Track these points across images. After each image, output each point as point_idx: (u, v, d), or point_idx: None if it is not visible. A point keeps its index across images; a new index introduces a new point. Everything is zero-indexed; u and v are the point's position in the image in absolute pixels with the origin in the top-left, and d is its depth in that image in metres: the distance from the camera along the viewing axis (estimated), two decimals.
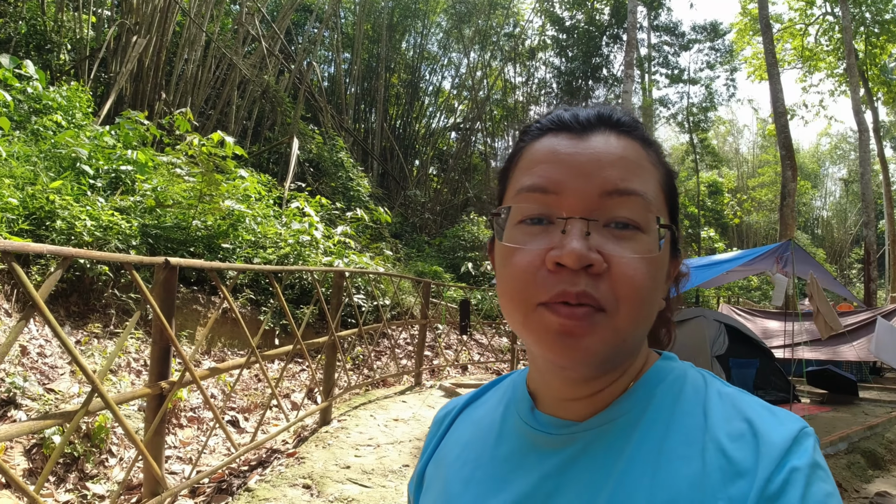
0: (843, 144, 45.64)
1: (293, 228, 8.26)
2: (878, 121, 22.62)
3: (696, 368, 0.64)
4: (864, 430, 6.05)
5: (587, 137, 0.58)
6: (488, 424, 0.69)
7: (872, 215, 15.88)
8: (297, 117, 13.21)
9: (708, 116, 27.27)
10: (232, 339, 6.28)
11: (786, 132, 13.03)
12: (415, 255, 15.16)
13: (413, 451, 4.66)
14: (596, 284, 0.52)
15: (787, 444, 0.50)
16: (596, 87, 23.08)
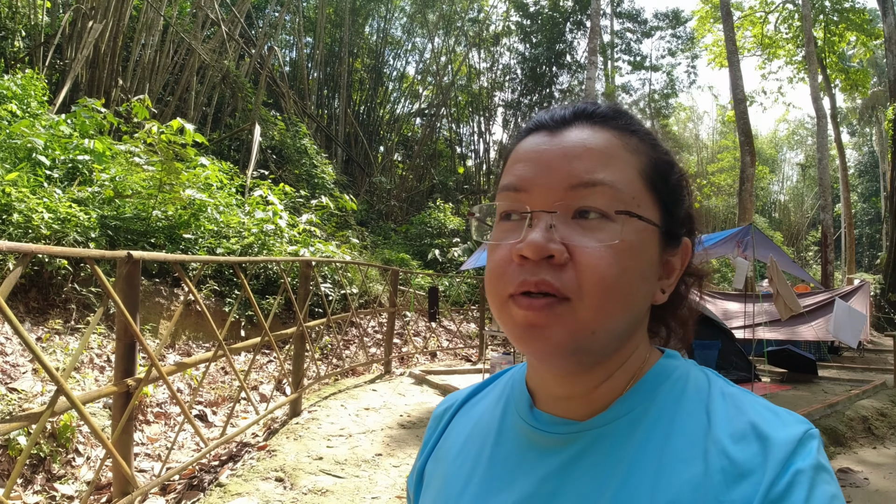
0: (801, 130, 46.93)
1: (257, 217, 8.11)
2: (836, 107, 23.33)
3: (700, 367, 0.63)
4: (824, 408, 6.26)
5: (561, 133, 0.59)
6: (487, 421, 0.69)
7: (829, 199, 16.42)
8: (258, 103, 12.93)
9: (669, 103, 27.79)
10: (197, 331, 6.16)
11: (745, 118, 13.33)
12: (381, 243, 15.08)
13: (385, 439, 4.66)
14: (558, 275, 0.52)
15: (791, 446, 0.50)
16: (560, 74, 23.21)
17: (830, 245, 15.91)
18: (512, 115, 23.96)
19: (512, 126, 23.98)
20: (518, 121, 23.80)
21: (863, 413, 6.35)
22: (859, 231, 40.85)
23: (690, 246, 0.63)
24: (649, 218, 0.57)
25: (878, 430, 6.09)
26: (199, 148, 8.63)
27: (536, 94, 23.29)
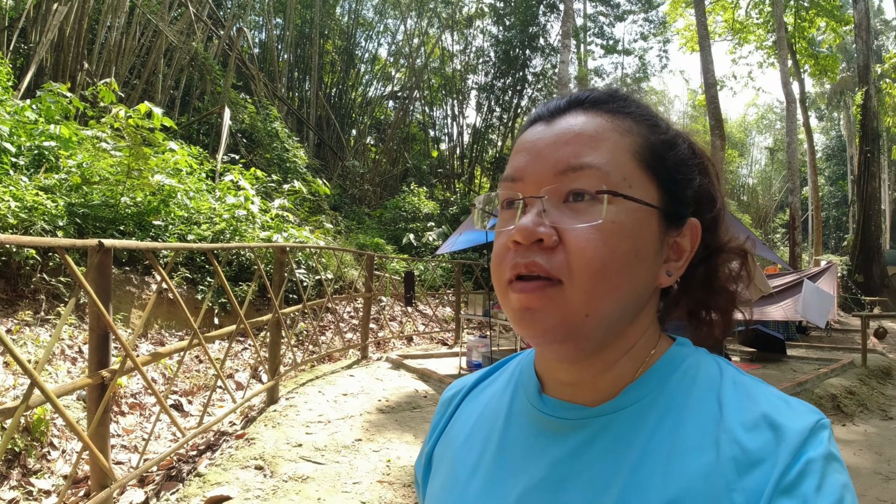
0: (770, 114, 47.72)
1: (228, 203, 7.98)
2: (804, 92, 23.71)
3: (711, 355, 0.62)
4: (793, 387, 6.43)
5: (554, 123, 0.59)
6: (496, 406, 0.69)
7: (797, 183, 16.76)
8: (227, 86, 12.65)
9: (641, 87, 27.96)
10: (169, 319, 6.06)
11: (715, 103, 13.49)
12: (355, 228, 14.97)
13: (365, 424, 4.67)
14: (548, 257, 0.53)
15: (803, 435, 0.50)
16: (533, 57, 23.14)
17: (798, 227, 16.28)
18: (485, 99, 23.88)
19: (485, 109, 23.92)
20: (491, 104, 23.74)
21: (832, 391, 6.54)
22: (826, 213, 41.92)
23: (699, 226, 0.61)
24: (641, 198, 0.56)
25: (847, 408, 6.28)
26: (168, 132, 8.43)
27: (510, 77, 23.22)
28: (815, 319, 7.96)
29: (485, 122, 24.24)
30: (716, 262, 0.65)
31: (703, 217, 0.62)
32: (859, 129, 18.94)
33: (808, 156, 23.39)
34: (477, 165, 24.51)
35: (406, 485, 3.47)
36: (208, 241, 6.99)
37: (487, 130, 24.49)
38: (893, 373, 8.22)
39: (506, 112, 24.06)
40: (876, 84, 20.47)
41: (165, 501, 3.00)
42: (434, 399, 5.71)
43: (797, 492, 0.47)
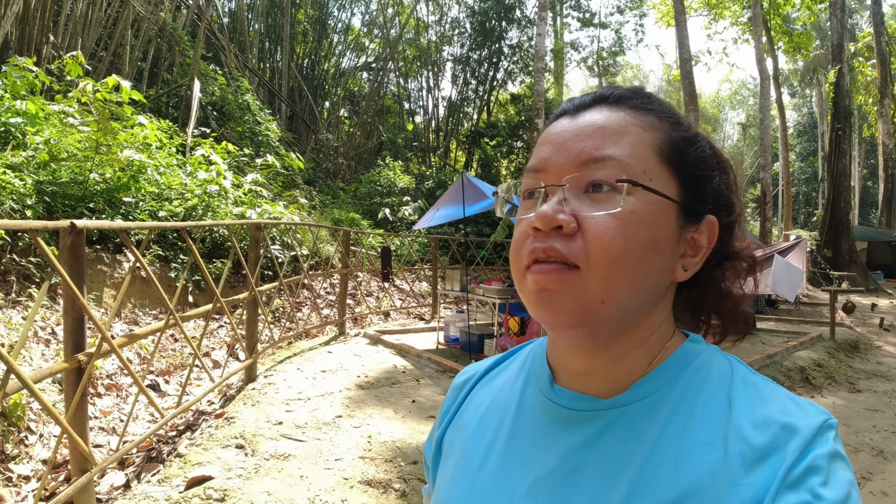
0: (743, 90, 48.22)
1: (199, 178, 7.81)
2: (778, 69, 23.91)
3: (723, 353, 0.64)
4: (763, 359, 6.61)
5: (578, 117, 0.61)
6: (507, 394, 0.70)
7: (769, 159, 17.00)
8: (197, 57, 12.29)
9: (617, 61, 27.95)
10: (143, 298, 5.96)
11: (690, 78, 13.56)
12: (330, 203, 14.83)
13: (344, 401, 4.68)
14: (567, 243, 0.55)
15: (810, 433, 0.51)
16: (509, 29, 22.91)
17: (769, 202, 16.58)
18: (461, 71, 23.64)
19: (461, 82, 23.69)
20: (467, 76, 23.52)
21: (800, 364, 6.73)
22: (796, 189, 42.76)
23: (717, 223, 0.62)
24: (661, 191, 0.57)
25: (815, 380, 6.49)
26: (136, 106, 8.20)
27: (485, 49, 22.99)
28: (784, 293, 8.15)
29: (460, 95, 24.04)
30: (725, 266, 0.66)
31: (721, 219, 0.63)
32: (831, 106, 19.19)
33: (779, 132, 23.75)
34: (452, 139, 24.38)
35: (387, 460, 3.50)
36: (180, 218, 6.86)
37: (463, 103, 24.31)
38: (861, 346, 8.50)
39: (481, 85, 23.88)
40: (849, 62, 20.74)
41: (147, 483, 2.98)
42: (412, 374, 5.75)
43: (804, 486, 0.48)
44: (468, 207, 7.75)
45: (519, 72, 23.97)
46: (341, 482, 3.15)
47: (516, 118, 21.78)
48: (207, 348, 5.95)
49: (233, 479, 3.06)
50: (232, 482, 3.03)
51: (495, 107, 24.64)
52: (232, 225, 5.40)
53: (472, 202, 7.84)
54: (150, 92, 12.00)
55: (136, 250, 3.10)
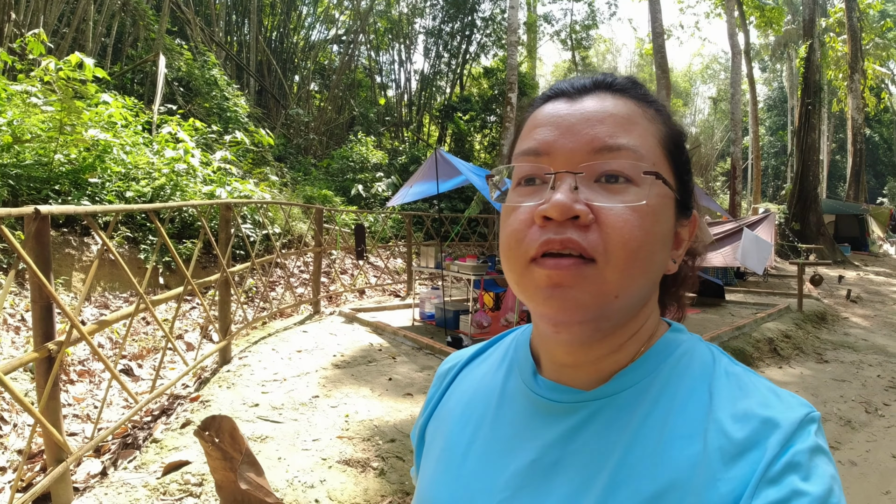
0: (714, 65, 48.53)
1: (167, 156, 7.66)
2: (749, 43, 24.04)
3: (706, 343, 0.63)
4: (732, 331, 6.75)
5: (581, 100, 0.59)
6: (490, 384, 0.69)
7: (739, 133, 17.19)
8: (162, 31, 11.91)
9: (590, 34, 27.83)
10: (112, 281, 5.86)
11: (662, 52, 13.60)
12: (302, 179, 14.65)
13: (321, 381, 4.69)
14: (584, 235, 0.53)
15: (791, 427, 0.51)
16: (482, 1, 22.64)
17: (738, 176, 16.82)
18: (433, 44, 23.33)
19: (433, 55, 23.40)
20: (439, 49, 23.23)
21: (768, 335, 6.89)
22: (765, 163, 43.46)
23: (697, 219, 0.64)
24: (671, 183, 0.58)
25: (783, 351, 6.66)
26: (100, 83, 7.96)
27: (458, 21, 22.70)
28: (753, 266, 8.33)
29: (433, 69, 23.77)
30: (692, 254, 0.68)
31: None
32: (801, 81, 19.42)
33: (750, 106, 24.01)
34: (425, 113, 24.16)
35: (365, 439, 3.53)
36: (147, 198, 6.73)
37: (436, 77, 24.05)
38: (828, 317, 8.73)
39: (454, 58, 23.63)
40: (820, 38, 20.91)
41: (123, 470, 2.97)
42: (388, 352, 5.78)
43: (784, 482, 0.47)
44: (442, 183, 7.73)
45: (492, 45, 23.75)
46: (320, 462, 3.18)
47: (489, 92, 21.65)
48: (180, 331, 5.89)
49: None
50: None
51: (468, 80, 24.43)
52: (201, 206, 5.30)
53: (446, 178, 7.82)
54: (114, 68, 11.63)
55: (104, 235, 3.04)
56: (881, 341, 7.57)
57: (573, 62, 28.06)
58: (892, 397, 5.23)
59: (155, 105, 9.55)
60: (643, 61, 40.78)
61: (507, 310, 6.75)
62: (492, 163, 18.83)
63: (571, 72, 28.79)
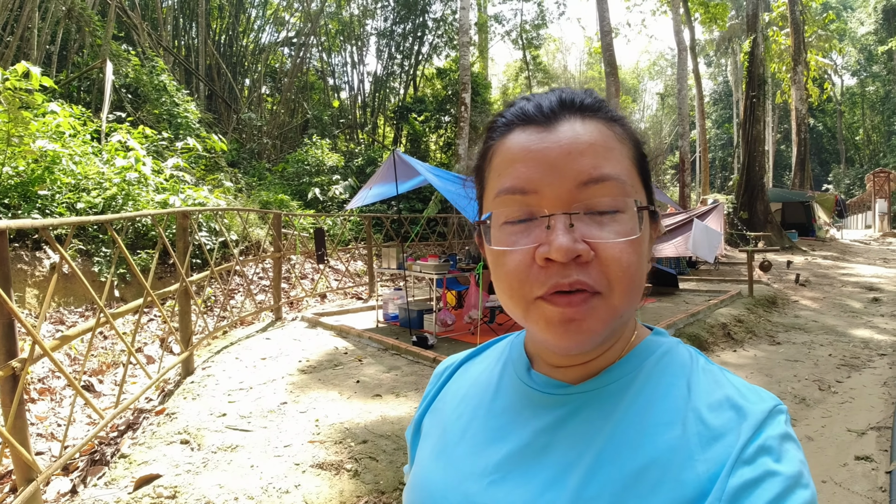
0: (661, 61, 49.86)
1: (117, 165, 7.47)
2: (694, 39, 24.71)
3: (684, 345, 0.68)
4: (687, 318, 6.95)
5: (554, 128, 0.59)
6: (486, 380, 0.74)
7: (687, 127, 17.67)
8: (108, 37, 11.57)
9: (540, 34, 28.20)
10: (67, 296, 5.71)
11: (610, 50, 13.90)
12: (256, 184, 14.45)
13: (288, 387, 4.67)
14: (587, 271, 0.55)
15: (762, 415, 0.55)
16: (433, 2, 22.72)
17: (687, 169, 17.30)
18: (385, 45, 23.31)
19: (386, 56, 23.37)
20: (392, 51, 23.21)
21: (722, 320, 7.11)
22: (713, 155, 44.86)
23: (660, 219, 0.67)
24: (643, 203, 0.60)
25: (736, 335, 6.88)
26: (47, 92, 7.71)
27: (409, 22, 22.74)
28: (704, 255, 8.60)
29: (386, 70, 23.75)
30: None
31: None
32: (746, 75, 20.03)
33: (696, 101, 24.72)
34: (380, 115, 24.11)
35: (337, 442, 3.55)
36: (99, 209, 6.57)
37: (389, 78, 24.03)
38: (778, 301, 9.03)
39: (407, 59, 23.65)
40: (763, 32, 21.63)
41: (94, 487, 2.93)
42: (354, 354, 5.79)
43: (757, 462, 0.52)
44: (401, 184, 7.76)
45: (444, 45, 23.87)
46: (293, 468, 3.19)
47: (443, 93, 21.76)
48: (140, 343, 5.78)
49: (182, 476, 3.05)
50: (181, 478, 3.01)
51: (422, 81, 24.49)
52: (157, 215, 5.21)
53: (405, 179, 7.85)
54: (60, 76, 11.26)
55: (62, 249, 2.99)
56: (831, 322, 7.84)
57: (524, 62, 28.39)
58: (844, 374, 5.44)
59: (103, 113, 9.29)
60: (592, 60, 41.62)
61: (471, 307, 6.82)
62: (448, 162, 18.91)
63: (522, 71, 29.12)
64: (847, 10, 45.07)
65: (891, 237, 24.26)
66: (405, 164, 7.17)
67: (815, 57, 28.25)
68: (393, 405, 4.23)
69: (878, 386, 5.07)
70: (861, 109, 45.67)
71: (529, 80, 28.47)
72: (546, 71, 29.77)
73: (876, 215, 27.29)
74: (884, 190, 27.21)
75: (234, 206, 10.11)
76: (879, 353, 6.16)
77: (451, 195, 6.22)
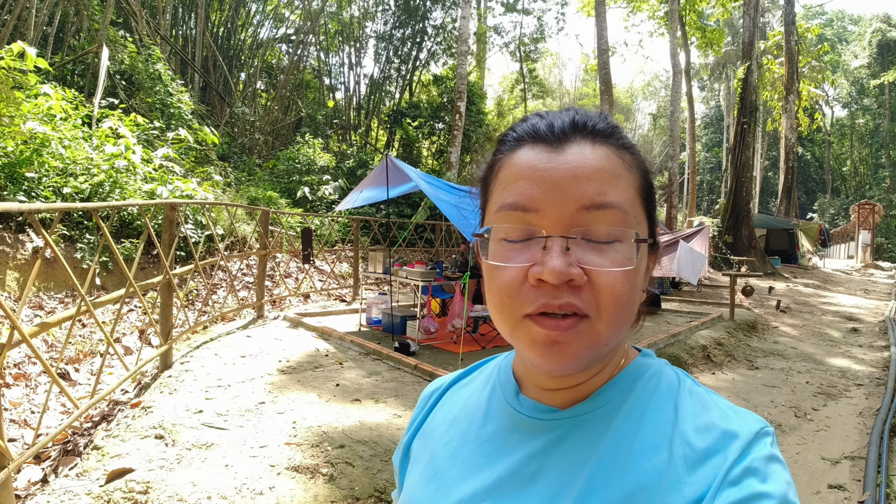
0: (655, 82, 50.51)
1: (107, 152, 7.41)
2: (689, 63, 25.06)
3: (672, 367, 0.69)
4: (668, 338, 6.99)
5: (563, 150, 0.59)
6: (475, 404, 0.73)
7: (678, 149, 17.81)
8: (106, 22, 11.48)
9: (538, 48, 28.42)
10: (47, 281, 5.64)
11: (606, 68, 14.04)
12: (246, 180, 14.38)
13: (267, 386, 4.64)
14: (578, 295, 0.55)
15: (749, 437, 0.56)
16: (434, 9, 22.79)
17: (675, 190, 17.44)
18: (384, 49, 23.33)
19: (383, 60, 23.40)
20: (390, 55, 23.24)
21: (702, 342, 7.16)
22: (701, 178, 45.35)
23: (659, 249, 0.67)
24: (644, 236, 0.60)
25: (716, 358, 6.93)
26: (41, 74, 7.63)
27: (409, 27, 22.79)
28: (687, 277, 8.66)
29: (383, 74, 23.77)
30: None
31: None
32: (738, 101, 20.23)
33: (688, 123, 25.00)
34: (374, 118, 24.11)
35: (314, 445, 3.53)
36: (86, 195, 6.50)
37: (385, 82, 24.05)
38: (759, 326, 9.11)
39: (404, 64, 23.70)
40: (758, 60, 21.93)
41: (65, 477, 2.88)
42: (335, 357, 5.77)
43: (743, 483, 0.52)
44: (392, 189, 7.76)
45: (442, 53, 23.95)
46: (268, 469, 3.17)
47: (438, 100, 21.81)
48: (118, 334, 5.72)
49: (155, 471, 3.01)
50: (154, 474, 2.98)
51: (418, 87, 24.54)
52: (145, 206, 5.15)
53: (396, 184, 7.85)
54: (55, 59, 11.16)
55: (46, 235, 2.96)
56: (809, 349, 7.92)
57: (521, 74, 28.56)
58: (821, 403, 5.50)
59: (96, 98, 9.21)
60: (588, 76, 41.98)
61: (454, 316, 6.83)
62: (439, 169, 18.95)
63: (518, 83, 29.29)
64: (842, 43, 45.92)
65: (872, 268, 24.61)
66: (397, 170, 7.17)
67: (807, 87, 28.70)
68: (372, 411, 4.22)
69: (853, 416, 5.13)
70: (850, 141, 46.38)
71: (525, 93, 28.63)
72: (542, 85, 29.99)
73: (859, 246, 27.66)
74: (868, 222, 27.61)
75: (222, 200, 10.06)
76: (856, 383, 6.24)
77: (441, 203, 6.22)
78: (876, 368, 6.92)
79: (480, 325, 7.07)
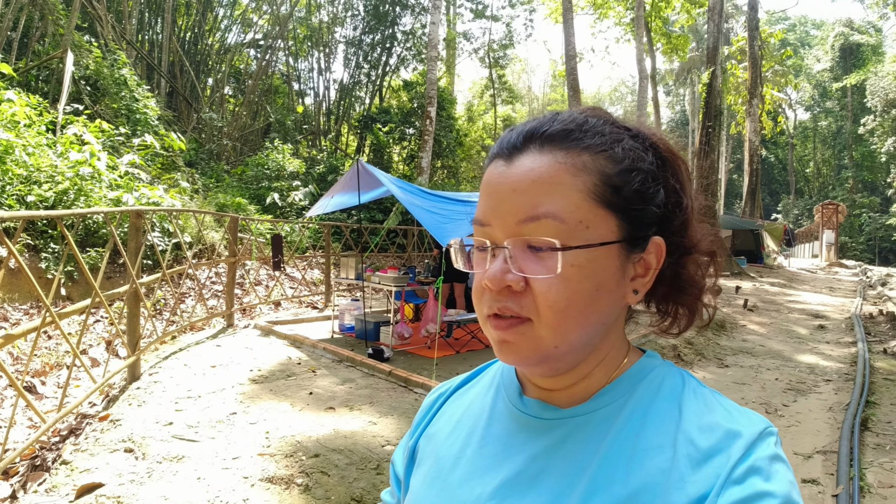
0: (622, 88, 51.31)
1: (71, 159, 7.26)
2: (655, 68, 25.50)
3: (677, 368, 0.69)
4: (638, 339, 6.95)
5: (512, 163, 0.62)
6: (479, 405, 0.75)
7: None
8: (71, 27, 11.22)
9: (506, 54, 28.67)
10: (11, 291, 5.50)
11: (574, 74, 14.25)
12: (214, 186, 14.17)
13: (238, 397, 4.59)
14: (518, 300, 0.59)
15: (752, 437, 0.57)
16: (403, 14, 22.84)
17: None
18: (353, 54, 23.28)
19: (353, 65, 23.34)
20: (359, 60, 23.19)
21: (672, 342, 7.17)
22: None
23: (663, 244, 0.64)
24: (597, 240, 0.59)
25: (686, 357, 7.02)
26: (4, 79, 7.44)
27: (379, 33, 22.78)
28: None
29: (352, 79, 23.71)
30: (685, 261, 0.68)
31: (673, 223, 0.65)
32: (703, 105, 20.54)
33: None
34: (344, 123, 24.01)
35: (288, 455, 3.50)
36: (50, 203, 6.36)
37: (355, 87, 23.99)
38: (727, 325, 9.19)
39: (374, 69, 23.68)
40: (722, 65, 22.38)
41: (34, 493, 2.82)
42: (308, 365, 5.73)
43: (747, 482, 0.53)
44: (363, 194, 7.75)
45: (412, 59, 23.99)
46: (241, 481, 3.14)
47: (409, 105, 21.84)
48: (85, 345, 5.60)
49: (125, 486, 2.97)
50: (124, 488, 2.93)
51: (388, 92, 24.53)
52: (110, 213, 5.06)
53: (368, 189, 7.85)
54: (19, 64, 10.87)
55: (10, 244, 2.90)
56: (777, 347, 8.04)
57: (490, 80, 28.75)
58: (791, 399, 5.59)
59: (60, 104, 9.00)
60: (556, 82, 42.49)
61: (428, 320, 6.85)
62: (410, 174, 18.95)
63: (488, 89, 29.48)
64: (804, 47, 47.11)
65: (837, 267, 25.21)
66: (369, 175, 7.16)
67: (770, 91, 29.39)
68: (346, 419, 4.21)
69: (823, 411, 5.23)
70: (812, 143, 47.48)
71: (494, 98, 28.82)
72: (511, 90, 30.20)
73: (823, 245, 28.30)
74: (831, 221, 28.28)
75: (190, 207, 9.91)
76: (825, 379, 6.36)
77: (413, 207, 6.24)
78: (844, 364, 7.05)
79: (454, 329, 7.10)
